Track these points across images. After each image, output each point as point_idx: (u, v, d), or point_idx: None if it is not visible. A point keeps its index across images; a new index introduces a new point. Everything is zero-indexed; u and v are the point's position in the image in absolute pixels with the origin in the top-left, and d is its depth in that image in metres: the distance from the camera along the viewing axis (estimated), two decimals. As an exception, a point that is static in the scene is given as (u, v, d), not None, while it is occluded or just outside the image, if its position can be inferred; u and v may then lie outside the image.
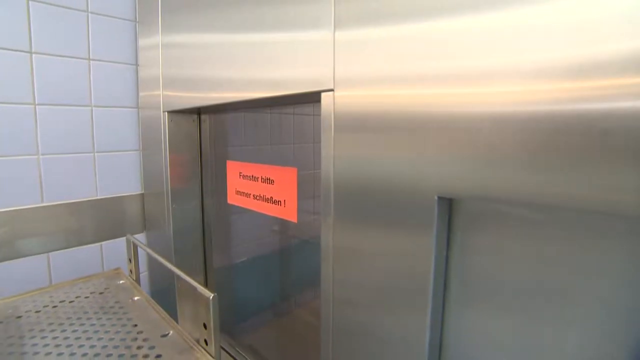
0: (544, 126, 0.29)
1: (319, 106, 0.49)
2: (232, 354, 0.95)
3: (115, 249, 1.01)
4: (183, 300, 0.57)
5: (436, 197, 0.36)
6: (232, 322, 1.00)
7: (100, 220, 0.99)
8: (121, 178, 1.02)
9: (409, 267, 0.41)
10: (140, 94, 1.02)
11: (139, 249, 0.76)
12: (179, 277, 0.57)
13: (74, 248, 0.95)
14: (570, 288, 0.34)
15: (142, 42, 0.99)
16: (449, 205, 0.39)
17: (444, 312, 0.44)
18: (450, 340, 0.44)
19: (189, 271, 0.66)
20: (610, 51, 0.26)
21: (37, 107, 0.87)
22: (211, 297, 0.48)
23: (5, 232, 0.83)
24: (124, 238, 1.01)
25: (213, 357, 0.48)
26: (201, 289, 0.51)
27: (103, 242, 1.00)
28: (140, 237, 1.07)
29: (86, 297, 0.70)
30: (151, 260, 1.09)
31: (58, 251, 0.92)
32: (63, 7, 0.89)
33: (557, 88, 0.29)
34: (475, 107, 0.33)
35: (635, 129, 0.25)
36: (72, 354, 0.52)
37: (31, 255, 0.88)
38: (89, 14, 0.94)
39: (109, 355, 0.51)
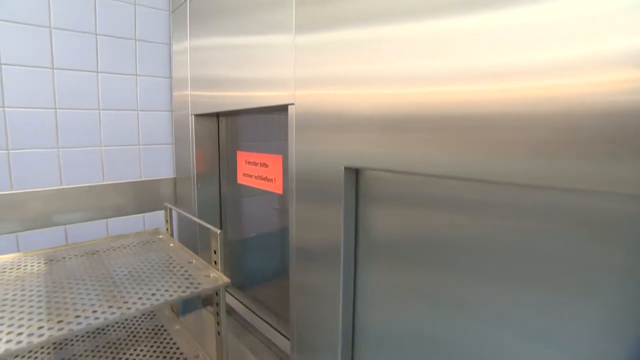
0: (414, 115, 0.55)
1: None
2: (245, 303, 1.25)
3: (154, 218, 1.33)
4: (202, 241, 0.86)
5: (343, 168, 0.63)
6: (241, 279, 1.29)
7: (143, 196, 1.30)
8: (158, 165, 1.34)
9: (329, 226, 0.67)
10: (174, 94, 1.32)
11: (173, 212, 1.06)
12: (200, 225, 0.86)
13: (124, 217, 1.27)
14: (447, 243, 0.59)
15: (175, 47, 1.30)
16: (355, 175, 0.65)
17: (356, 270, 0.69)
18: (360, 293, 0.68)
19: (208, 237, 0.95)
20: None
21: (101, 112, 1.19)
22: (219, 232, 0.77)
23: (81, 202, 1.16)
24: (161, 211, 1.33)
25: (219, 271, 0.77)
26: (212, 227, 0.80)
27: (145, 214, 1.32)
28: (172, 212, 1.38)
29: (136, 245, 1.01)
30: (181, 222, 1.40)
31: (113, 218, 1.25)
32: (118, 37, 1.21)
33: (419, 92, 0.54)
34: (381, 105, 0.58)
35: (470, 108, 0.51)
36: (134, 269, 0.82)
37: (95, 220, 1.21)
38: (136, 42, 1.25)
39: (158, 272, 0.81)
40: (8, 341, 0.53)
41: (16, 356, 0.87)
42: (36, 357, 0.86)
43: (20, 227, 1.06)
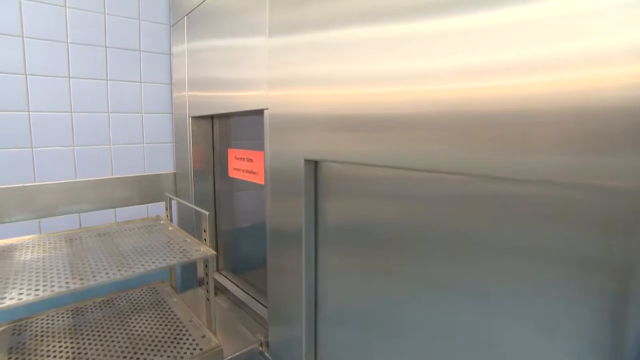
0: (358, 115, 0.71)
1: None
2: (237, 283, 1.41)
3: (156, 208, 1.50)
4: (197, 226, 1.03)
5: (303, 160, 0.79)
6: (233, 262, 1.46)
7: (146, 189, 1.48)
8: (160, 161, 1.51)
9: (294, 213, 0.83)
10: (174, 94, 1.49)
11: (172, 202, 1.23)
12: (195, 211, 1.03)
13: (129, 207, 1.44)
14: (390, 226, 0.74)
15: (174, 49, 1.47)
16: (314, 167, 0.82)
17: (317, 251, 0.84)
18: (321, 271, 0.84)
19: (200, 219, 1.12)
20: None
21: (110, 114, 1.37)
22: (207, 214, 0.94)
23: (93, 193, 1.34)
24: (163, 202, 1.50)
25: (208, 246, 0.94)
26: (202, 210, 0.97)
27: (148, 204, 1.49)
28: (172, 202, 1.55)
29: (140, 228, 1.18)
30: (180, 211, 1.57)
31: (120, 208, 1.42)
32: (125, 49, 1.38)
33: (358, 92, 0.70)
34: (332, 104, 0.75)
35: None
36: (138, 246, 0.99)
37: (105, 209, 1.38)
38: (141, 52, 1.43)
39: (158, 247, 0.98)
40: (44, 290, 0.70)
41: (41, 316, 1.05)
42: (59, 320, 1.03)
43: (42, 213, 1.24)
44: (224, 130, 1.44)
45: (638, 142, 0.35)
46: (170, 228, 1.16)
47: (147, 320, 1.05)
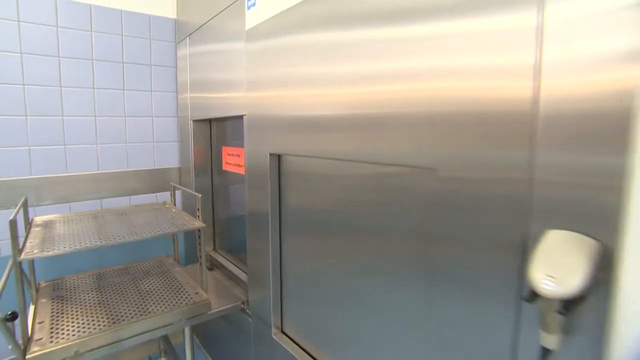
0: (306, 116, 0.97)
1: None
2: (231, 260, 1.68)
3: (163, 196, 1.78)
4: (198, 206, 1.30)
5: (268, 154, 1.05)
6: (228, 244, 1.73)
7: (155, 180, 1.76)
8: (167, 157, 1.79)
9: (262, 199, 1.09)
10: (179, 96, 1.78)
11: (176, 190, 1.51)
12: (194, 195, 1.30)
13: (141, 195, 1.73)
14: (335, 210, 1.00)
15: (179, 53, 1.76)
16: (277, 160, 1.07)
17: (281, 231, 1.10)
18: (284, 249, 1.10)
19: (205, 211, 1.39)
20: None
21: (126, 118, 1.65)
22: (199, 196, 1.21)
23: (111, 183, 1.63)
24: (168, 191, 1.78)
25: (200, 221, 1.21)
26: (195, 193, 1.24)
27: (157, 193, 1.77)
28: (177, 192, 1.84)
29: (149, 210, 1.46)
30: (184, 198, 1.85)
31: (135, 195, 1.71)
32: (138, 64, 1.67)
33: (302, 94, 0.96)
34: (288, 106, 1.01)
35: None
36: (148, 222, 1.26)
37: (122, 196, 1.67)
38: (151, 66, 1.71)
39: (162, 222, 1.25)
40: (79, 244, 0.98)
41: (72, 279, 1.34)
42: (86, 280, 1.32)
43: (72, 198, 1.53)
44: (219, 131, 1.71)
45: (434, 139, 0.60)
46: (173, 210, 1.44)
47: (153, 282, 1.33)
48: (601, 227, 0.42)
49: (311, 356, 1.02)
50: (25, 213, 1.25)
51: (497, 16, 0.52)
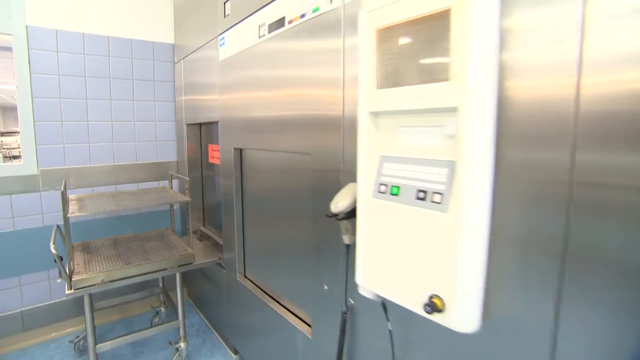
0: (257, 118, 1.42)
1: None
2: (216, 233, 2.14)
3: (164, 184, 2.26)
4: (187, 187, 1.78)
5: (232, 148, 1.51)
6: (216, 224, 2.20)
7: (158, 171, 2.24)
8: (167, 152, 2.27)
9: (229, 186, 1.56)
10: (177, 99, 2.25)
11: (174, 179, 1.98)
12: (185, 180, 1.77)
13: (147, 182, 2.21)
14: (275, 193, 1.46)
15: (177, 67, 2.23)
16: (239, 153, 1.53)
17: (243, 211, 1.57)
18: (245, 224, 1.57)
19: (196, 195, 1.86)
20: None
21: (135, 122, 2.13)
22: (187, 179, 1.67)
23: (124, 173, 2.11)
24: (167, 180, 2.27)
25: (188, 197, 1.68)
26: (183, 177, 1.71)
27: (159, 181, 2.25)
28: (174, 180, 2.32)
29: (152, 192, 1.93)
30: (180, 183, 2.32)
31: (142, 183, 2.19)
32: (145, 80, 2.15)
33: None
34: (244, 109, 1.46)
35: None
36: (151, 197, 1.74)
37: (132, 183, 2.15)
38: (155, 82, 2.19)
39: (162, 198, 1.73)
40: (104, 209, 1.46)
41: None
42: (105, 243, 1.80)
43: (94, 183, 2.02)
44: (207, 132, 2.18)
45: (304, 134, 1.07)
46: (170, 192, 1.92)
47: (155, 244, 1.80)
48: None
49: (262, 290, 1.48)
50: (64, 191, 1.73)
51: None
